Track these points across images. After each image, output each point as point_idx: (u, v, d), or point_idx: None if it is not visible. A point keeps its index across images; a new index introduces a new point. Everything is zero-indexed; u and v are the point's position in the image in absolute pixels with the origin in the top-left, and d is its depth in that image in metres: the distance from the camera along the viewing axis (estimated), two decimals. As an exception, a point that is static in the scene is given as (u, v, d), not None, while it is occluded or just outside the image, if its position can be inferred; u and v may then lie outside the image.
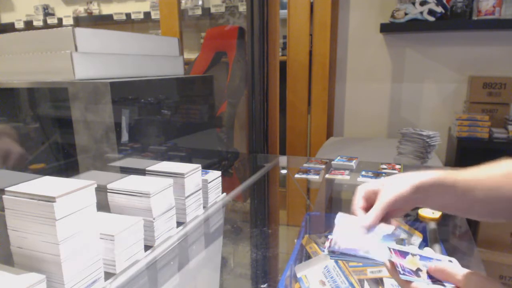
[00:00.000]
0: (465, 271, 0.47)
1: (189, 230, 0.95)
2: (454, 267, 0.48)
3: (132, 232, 0.75)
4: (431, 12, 1.91)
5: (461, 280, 0.46)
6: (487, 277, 0.45)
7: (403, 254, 0.54)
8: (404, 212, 0.64)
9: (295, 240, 0.87)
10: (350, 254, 0.61)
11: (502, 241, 1.68)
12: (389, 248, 0.54)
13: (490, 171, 0.58)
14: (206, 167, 1.09)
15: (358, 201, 0.65)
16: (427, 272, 0.50)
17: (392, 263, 0.51)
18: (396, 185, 0.60)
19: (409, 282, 0.48)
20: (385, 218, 0.62)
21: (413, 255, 0.54)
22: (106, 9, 3.49)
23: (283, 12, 2.04)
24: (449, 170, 0.61)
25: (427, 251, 0.56)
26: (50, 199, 0.58)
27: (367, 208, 0.63)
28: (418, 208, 0.97)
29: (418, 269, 0.51)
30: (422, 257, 0.54)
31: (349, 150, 1.95)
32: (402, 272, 0.50)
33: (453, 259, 0.54)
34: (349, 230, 0.62)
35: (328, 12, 2.11)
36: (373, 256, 0.60)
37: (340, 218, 0.64)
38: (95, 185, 0.66)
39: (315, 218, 0.99)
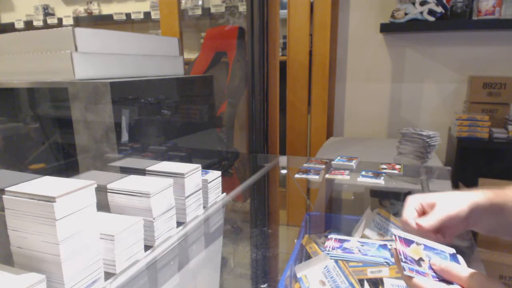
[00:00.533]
0: (469, 271, 0.47)
1: (189, 230, 0.95)
2: (458, 267, 0.49)
3: (132, 232, 0.75)
4: (431, 12, 1.91)
5: (465, 280, 0.47)
6: (490, 278, 0.46)
7: (408, 242, 0.54)
8: (453, 233, 0.59)
9: (295, 240, 0.87)
10: (350, 253, 0.62)
11: (502, 241, 1.68)
12: (395, 235, 0.54)
13: None
14: (206, 167, 1.09)
15: (411, 212, 0.60)
16: (432, 268, 0.50)
17: (397, 251, 0.52)
18: (455, 201, 0.57)
19: (411, 277, 0.48)
20: (437, 232, 0.58)
21: (418, 244, 0.54)
22: (106, 9, 3.49)
23: (283, 12, 2.04)
24: (498, 188, 0.57)
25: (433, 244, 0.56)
26: (50, 199, 0.58)
27: None
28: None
29: (421, 259, 0.51)
30: (427, 247, 0.54)
31: (349, 150, 1.95)
32: (404, 260, 0.50)
33: (459, 257, 0.54)
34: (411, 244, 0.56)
35: (328, 12, 2.11)
36: (370, 256, 0.60)
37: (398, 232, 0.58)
38: (95, 185, 0.66)
39: (315, 218, 0.99)
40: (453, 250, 0.54)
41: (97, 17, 3.45)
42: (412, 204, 0.61)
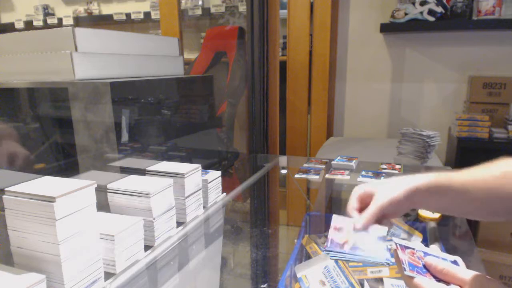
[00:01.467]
0: (468, 271, 0.47)
1: (189, 230, 0.95)
2: (457, 269, 0.48)
3: (132, 232, 0.75)
4: (431, 12, 1.91)
5: (464, 281, 0.46)
6: (490, 278, 0.45)
7: (407, 249, 0.54)
8: (399, 214, 0.65)
9: (295, 240, 0.87)
10: (350, 253, 0.62)
11: (502, 241, 1.68)
12: (395, 243, 0.54)
13: (487, 171, 0.58)
14: (206, 167, 1.09)
15: (352, 203, 0.66)
16: (426, 267, 0.51)
17: (397, 253, 0.52)
18: (391, 188, 0.61)
19: (412, 277, 0.48)
20: (380, 219, 0.63)
21: (417, 251, 0.54)
22: (106, 9, 3.49)
23: (283, 12, 2.04)
24: (446, 171, 0.61)
25: (433, 249, 0.56)
26: (50, 199, 0.58)
27: (362, 210, 0.64)
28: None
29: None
30: (426, 254, 0.53)
31: (349, 150, 1.95)
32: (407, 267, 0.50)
33: (458, 258, 0.53)
34: (343, 230, 0.64)
35: (328, 12, 2.11)
36: (370, 256, 0.60)
37: (335, 219, 0.66)
38: (95, 185, 0.66)
39: (315, 218, 0.99)
40: (454, 258, 0.53)
41: (97, 17, 3.45)
42: (354, 195, 0.67)
